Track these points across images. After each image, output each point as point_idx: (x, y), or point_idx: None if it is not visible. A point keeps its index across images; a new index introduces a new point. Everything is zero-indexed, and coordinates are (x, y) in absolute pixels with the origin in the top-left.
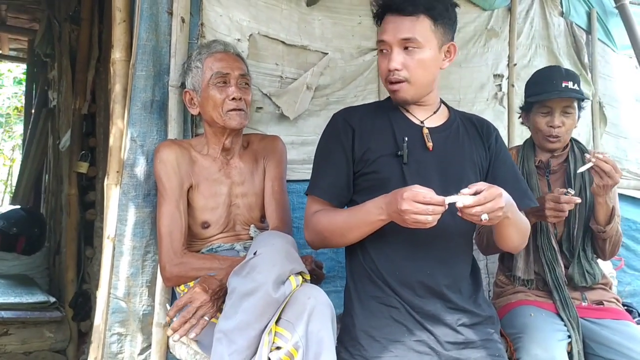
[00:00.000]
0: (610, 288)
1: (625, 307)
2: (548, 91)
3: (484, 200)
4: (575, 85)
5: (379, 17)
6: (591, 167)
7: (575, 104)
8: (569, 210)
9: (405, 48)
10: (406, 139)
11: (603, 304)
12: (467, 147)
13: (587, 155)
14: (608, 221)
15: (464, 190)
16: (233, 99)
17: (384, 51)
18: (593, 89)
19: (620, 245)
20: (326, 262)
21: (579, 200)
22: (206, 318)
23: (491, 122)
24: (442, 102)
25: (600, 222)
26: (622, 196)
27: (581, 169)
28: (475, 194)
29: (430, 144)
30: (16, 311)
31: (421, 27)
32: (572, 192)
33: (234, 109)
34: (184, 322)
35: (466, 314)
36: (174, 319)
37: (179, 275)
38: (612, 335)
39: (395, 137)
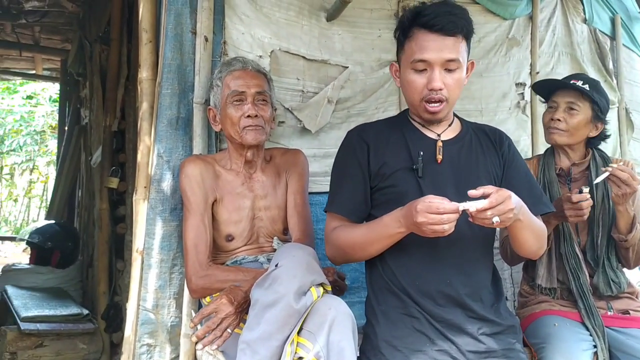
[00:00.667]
0: (636, 297)
1: None
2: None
3: (495, 202)
4: (586, 85)
5: (406, 32)
6: (608, 177)
7: (586, 105)
8: (592, 219)
9: (446, 68)
10: (421, 153)
11: (629, 313)
12: (480, 157)
13: (603, 167)
14: (629, 229)
15: (471, 192)
16: (248, 116)
17: (422, 70)
18: (619, 95)
19: None
20: (350, 273)
21: (588, 195)
22: (229, 330)
23: (503, 131)
24: (454, 114)
25: (622, 230)
26: None
27: (598, 179)
28: (483, 196)
29: (439, 157)
30: (51, 323)
31: (461, 48)
32: (587, 189)
33: (249, 126)
34: (208, 331)
35: (487, 323)
36: (198, 326)
37: (205, 287)
38: (639, 345)
39: (410, 151)
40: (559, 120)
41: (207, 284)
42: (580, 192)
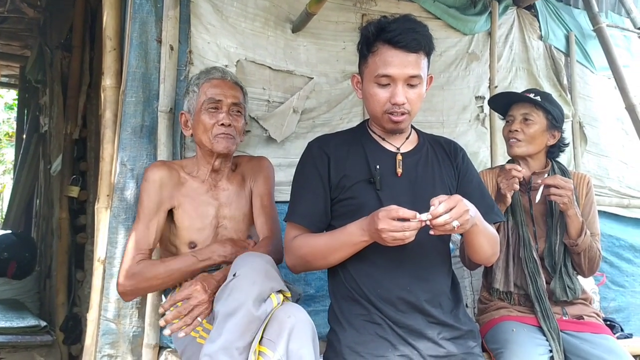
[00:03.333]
0: (590, 303)
1: (608, 323)
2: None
3: (449, 206)
4: (538, 97)
5: (370, 46)
6: (544, 192)
7: (540, 115)
8: (550, 227)
9: (408, 83)
10: (378, 166)
11: (583, 318)
12: (437, 169)
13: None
14: (579, 234)
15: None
16: (222, 124)
17: (385, 84)
18: (573, 109)
19: (599, 262)
20: (315, 281)
21: (520, 170)
22: (199, 319)
23: (458, 143)
24: (411, 127)
25: (572, 235)
26: (604, 213)
27: (537, 197)
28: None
29: (399, 170)
30: (7, 335)
31: (422, 64)
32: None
33: (222, 134)
34: (178, 317)
35: (447, 327)
36: (167, 312)
37: (133, 288)
38: (592, 349)
39: (369, 164)
40: (516, 131)
41: (135, 283)
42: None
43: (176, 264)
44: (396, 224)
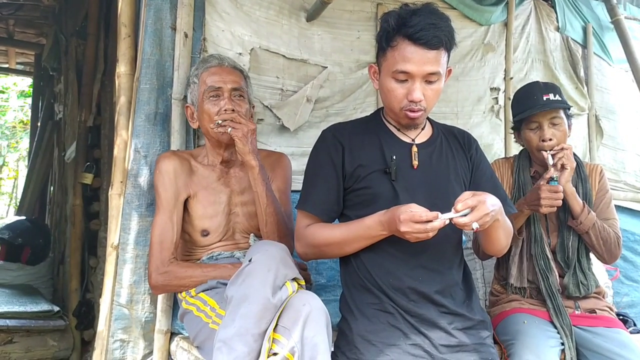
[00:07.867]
0: (603, 297)
1: (621, 317)
2: (530, 107)
3: (468, 207)
4: (557, 96)
5: (390, 40)
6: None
7: (562, 114)
8: (562, 222)
9: (426, 80)
10: (394, 157)
11: (596, 312)
12: (451, 160)
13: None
14: (580, 211)
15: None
16: (225, 111)
17: (403, 80)
18: (589, 101)
19: (619, 246)
20: (326, 271)
21: (561, 188)
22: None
23: (472, 134)
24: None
25: (575, 212)
26: (619, 208)
27: (551, 162)
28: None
29: (415, 162)
30: (20, 320)
31: (442, 60)
32: (556, 175)
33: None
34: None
35: (459, 317)
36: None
37: (164, 284)
38: (605, 343)
39: (385, 154)
40: (550, 140)
41: (166, 280)
42: (552, 179)
43: (215, 272)
44: (419, 226)
